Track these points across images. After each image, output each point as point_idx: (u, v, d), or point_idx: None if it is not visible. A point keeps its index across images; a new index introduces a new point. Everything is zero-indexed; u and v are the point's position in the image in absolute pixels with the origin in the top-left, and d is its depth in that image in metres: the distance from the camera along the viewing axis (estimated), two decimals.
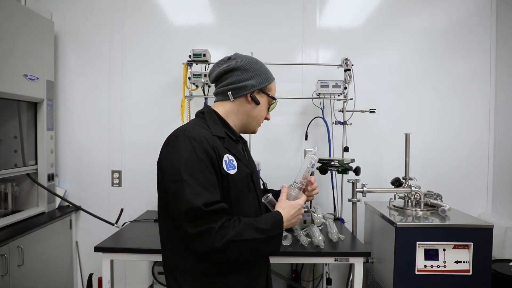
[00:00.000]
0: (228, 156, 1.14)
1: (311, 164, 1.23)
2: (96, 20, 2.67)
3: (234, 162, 1.15)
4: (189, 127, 1.15)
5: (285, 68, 2.60)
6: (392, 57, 2.69)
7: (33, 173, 2.39)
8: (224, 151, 1.14)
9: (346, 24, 2.69)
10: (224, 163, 1.12)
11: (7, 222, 2.08)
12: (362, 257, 1.84)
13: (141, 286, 2.64)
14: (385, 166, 2.65)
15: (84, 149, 2.70)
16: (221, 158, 1.12)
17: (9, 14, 2.07)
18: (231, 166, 1.14)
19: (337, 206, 2.56)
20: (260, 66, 1.25)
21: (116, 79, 2.69)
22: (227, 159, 1.14)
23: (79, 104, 2.69)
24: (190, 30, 2.67)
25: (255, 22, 2.67)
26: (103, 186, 2.70)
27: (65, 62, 2.69)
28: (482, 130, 2.69)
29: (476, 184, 2.69)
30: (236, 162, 1.16)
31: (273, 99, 1.28)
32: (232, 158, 1.15)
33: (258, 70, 1.24)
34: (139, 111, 2.69)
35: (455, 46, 2.67)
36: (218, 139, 1.16)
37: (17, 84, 2.14)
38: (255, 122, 1.27)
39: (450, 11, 2.67)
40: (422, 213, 2.08)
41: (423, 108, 2.68)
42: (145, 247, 1.82)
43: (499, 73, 2.65)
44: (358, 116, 2.48)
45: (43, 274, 2.24)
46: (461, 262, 1.85)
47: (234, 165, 1.15)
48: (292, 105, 2.67)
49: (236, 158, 1.17)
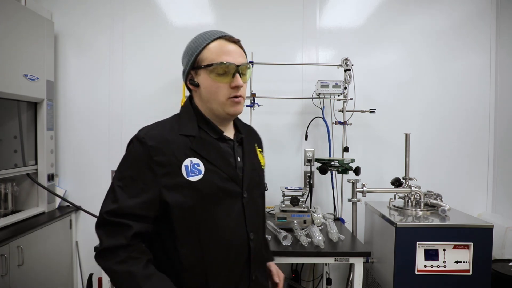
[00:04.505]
0: (191, 160, 1.00)
1: None
2: (96, 20, 2.67)
3: (200, 166, 1.00)
4: (152, 126, 1.06)
5: (285, 68, 2.60)
6: (392, 57, 2.69)
7: (33, 173, 2.39)
8: (188, 153, 1.00)
9: (346, 24, 2.69)
10: (184, 168, 0.98)
11: (7, 222, 2.08)
12: (362, 257, 1.84)
13: None
14: (385, 166, 2.65)
15: (84, 149, 2.70)
16: (179, 162, 0.99)
17: (9, 14, 2.07)
18: (193, 171, 0.99)
19: (337, 206, 2.56)
20: (193, 42, 1.07)
21: (116, 79, 2.69)
22: (189, 163, 0.99)
23: (79, 104, 2.69)
24: (190, 30, 2.66)
25: (255, 22, 2.67)
26: (103, 186, 2.66)
27: (65, 62, 2.68)
28: (482, 130, 2.69)
29: (476, 184, 2.69)
30: (204, 167, 1.00)
31: (210, 65, 1.01)
32: (197, 162, 1.00)
33: (188, 48, 1.08)
34: (139, 111, 2.69)
35: (455, 46, 2.67)
36: (185, 139, 1.02)
37: (17, 84, 2.14)
38: (215, 103, 1.04)
39: (450, 11, 2.67)
40: (422, 213, 2.08)
41: (423, 108, 2.68)
42: None
43: (499, 73, 2.65)
44: (358, 116, 2.48)
45: (43, 274, 2.24)
46: (461, 262, 1.85)
47: (200, 170, 1.00)
48: (292, 105, 2.67)
49: (205, 161, 1.01)
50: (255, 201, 1.12)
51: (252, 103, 2.40)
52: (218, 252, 1.02)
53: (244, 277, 1.07)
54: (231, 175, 1.05)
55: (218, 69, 1.01)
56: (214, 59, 1.02)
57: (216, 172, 1.02)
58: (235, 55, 1.03)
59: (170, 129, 1.04)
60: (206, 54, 1.03)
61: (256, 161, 1.18)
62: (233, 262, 1.04)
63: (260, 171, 1.20)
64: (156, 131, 1.03)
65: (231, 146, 1.11)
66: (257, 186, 1.15)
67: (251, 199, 1.09)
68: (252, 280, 1.09)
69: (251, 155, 1.16)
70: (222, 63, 1.01)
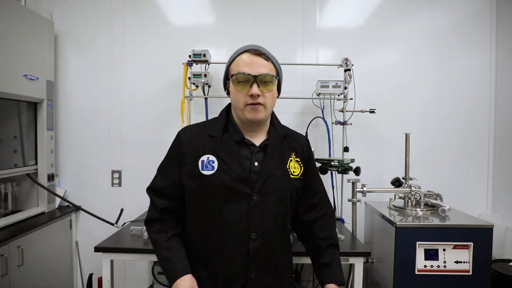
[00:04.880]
0: (208, 157, 1.16)
1: None
2: (96, 20, 2.67)
3: (214, 163, 1.15)
4: (191, 125, 1.29)
5: (285, 68, 2.58)
6: (392, 57, 2.69)
7: (33, 173, 2.39)
8: (207, 151, 1.17)
9: (346, 24, 2.69)
10: (201, 163, 1.16)
11: (7, 222, 2.08)
12: (362, 257, 1.84)
13: (141, 286, 2.64)
14: (385, 166, 2.65)
15: (84, 149, 2.70)
16: (199, 157, 1.17)
17: (9, 14, 2.07)
18: (208, 167, 1.16)
19: (337, 206, 2.56)
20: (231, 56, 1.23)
21: (116, 79, 2.69)
22: (205, 159, 1.16)
23: (79, 104, 2.69)
24: (190, 30, 2.67)
25: (255, 22, 2.67)
26: (103, 186, 2.70)
27: (65, 62, 2.69)
28: (482, 130, 2.68)
29: (476, 184, 2.69)
30: (218, 164, 1.15)
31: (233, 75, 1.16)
32: (213, 159, 1.16)
33: (228, 62, 1.24)
34: (139, 111, 2.69)
35: (455, 46, 2.67)
36: (209, 139, 1.19)
37: (17, 84, 2.14)
38: (237, 109, 1.19)
39: (450, 11, 2.67)
40: (422, 213, 2.08)
41: (423, 108, 2.68)
42: (145, 247, 1.81)
43: (499, 73, 2.65)
44: (358, 116, 2.48)
45: (43, 274, 2.24)
46: (461, 262, 1.85)
47: (213, 167, 1.15)
48: (292, 105, 2.67)
49: (220, 160, 1.16)
50: (267, 205, 1.17)
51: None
52: (218, 240, 1.16)
53: (241, 272, 1.16)
54: (242, 177, 1.15)
55: (238, 79, 1.15)
56: (236, 70, 1.16)
57: (228, 171, 1.15)
58: (256, 66, 1.14)
59: (202, 129, 1.23)
60: (233, 66, 1.19)
61: (280, 170, 1.21)
62: (231, 254, 1.16)
63: (283, 179, 1.21)
64: (191, 128, 1.25)
65: (252, 150, 1.20)
66: (274, 192, 1.19)
67: (261, 202, 1.16)
68: (250, 277, 1.16)
69: (274, 163, 1.21)
70: (239, 73, 1.14)
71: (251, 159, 1.18)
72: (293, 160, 1.26)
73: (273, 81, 1.17)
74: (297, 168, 1.26)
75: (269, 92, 1.16)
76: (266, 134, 1.26)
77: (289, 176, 1.23)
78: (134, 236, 2.00)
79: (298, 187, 1.26)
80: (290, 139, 1.31)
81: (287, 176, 1.22)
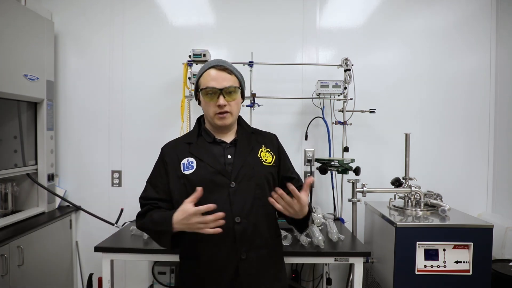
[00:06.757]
0: (188, 159, 1.34)
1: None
2: (96, 20, 2.67)
3: (193, 163, 1.33)
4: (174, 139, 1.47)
5: (285, 68, 2.60)
6: (392, 57, 2.69)
7: (33, 173, 2.39)
8: (186, 155, 1.35)
9: (346, 24, 2.69)
10: (182, 165, 1.34)
11: (7, 222, 2.08)
12: (362, 257, 1.84)
13: (141, 286, 2.64)
14: (385, 166, 2.65)
15: (84, 149, 2.70)
16: (179, 161, 1.34)
17: (9, 14, 2.07)
18: (188, 167, 1.33)
19: (337, 206, 2.56)
20: (199, 70, 1.40)
21: (116, 79, 2.69)
22: (186, 161, 1.34)
23: (79, 104, 2.69)
24: (190, 30, 2.67)
25: (255, 22, 2.67)
26: (103, 186, 2.70)
27: (65, 62, 2.69)
28: (482, 130, 2.68)
29: (476, 184, 2.69)
30: (196, 163, 1.32)
31: (202, 89, 1.34)
32: (192, 160, 1.33)
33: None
34: (139, 111, 2.69)
35: (455, 46, 2.67)
36: (187, 145, 1.38)
37: (17, 84, 2.14)
38: (208, 117, 1.38)
39: (450, 11, 2.67)
40: (422, 213, 2.08)
41: (423, 108, 2.68)
42: (145, 247, 1.82)
43: (499, 73, 2.65)
44: (358, 116, 2.48)
45: (43, 274, 2.24)
46: (461, 262, 1.85)
47: (193, 166, 1.32)
48: (292, 105, 2.67)
49: (198, 160, 1.33)
50: (244, 190, 1.31)
51: (252, 103, 2.40)
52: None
53: (232, 256, 1.28)
54: (219, 169, 1.31)
55: (207, 91, 1.32)
56: (205, 84, 1.33)
57: (205, 167, 1.31)
58: (221, 80, 1.32)
59: (180, 140, 1.44)
60: (201, 80, 1.36)
61: (252, 159, 1.37)
62: (220, 240, 1.26)
63: (257, 166, 1.36)
64: (173, 141, 1.46)
65: (224, 147, 1.38)
66: (249, 178, 1.33)
67: (240, 188, 1.30)
68: (242, 259, 1.28)
69: (246, 154, 1.37)
70: (208, 87, 1.32)
71: (224, 153, 1.36)
72: (263, 151, 1.42)
73: (237, 91, 1.35)
74: (269, 157, 1.42)
75: (234, 100, 1.34)
76: (235, 133, 1.44)
77: (262, 164, 1.38)
78: (134, 236, 2.00)
79: (272, 173, 1.40)
80: (258, 136, 1.48)
81: (259, 163, 1.37)
